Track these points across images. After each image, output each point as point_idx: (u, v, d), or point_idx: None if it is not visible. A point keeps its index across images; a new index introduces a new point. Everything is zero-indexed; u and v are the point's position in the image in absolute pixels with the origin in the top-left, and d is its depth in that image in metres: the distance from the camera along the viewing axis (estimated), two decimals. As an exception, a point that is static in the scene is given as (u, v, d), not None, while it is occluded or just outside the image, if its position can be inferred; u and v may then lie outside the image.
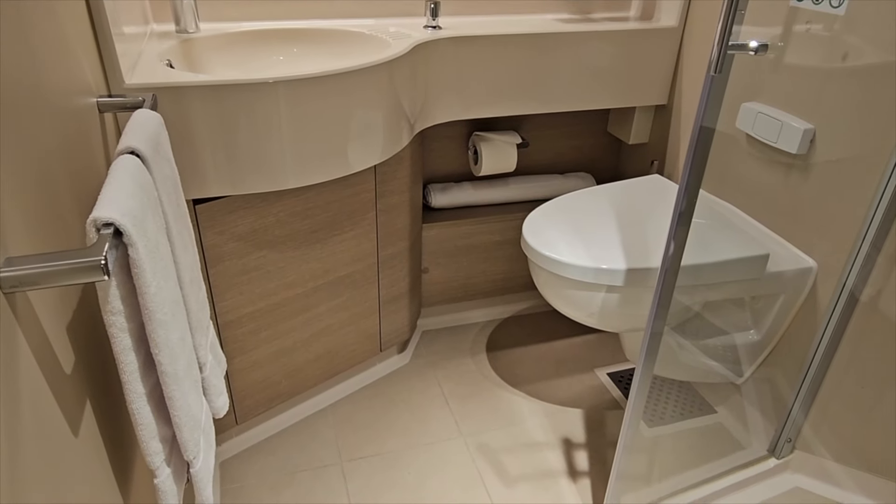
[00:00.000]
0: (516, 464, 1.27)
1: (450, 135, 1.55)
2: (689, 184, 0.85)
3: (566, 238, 1.14)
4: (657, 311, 0.94)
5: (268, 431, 1.33)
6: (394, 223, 1.33)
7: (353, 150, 1.07)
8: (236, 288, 1.12)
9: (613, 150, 1.72)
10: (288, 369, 1.28)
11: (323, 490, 1.20)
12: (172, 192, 0.71)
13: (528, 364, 1.55)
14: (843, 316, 1.10)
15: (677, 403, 1.41)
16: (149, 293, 0.53)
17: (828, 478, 1.22)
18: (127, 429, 0.71)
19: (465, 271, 1.63)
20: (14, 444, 0.41)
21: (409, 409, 1.40)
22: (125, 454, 0.68)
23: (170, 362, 0.58)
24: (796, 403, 1.19)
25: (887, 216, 1.01)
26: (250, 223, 1.09)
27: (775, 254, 1.14)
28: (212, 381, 0.80)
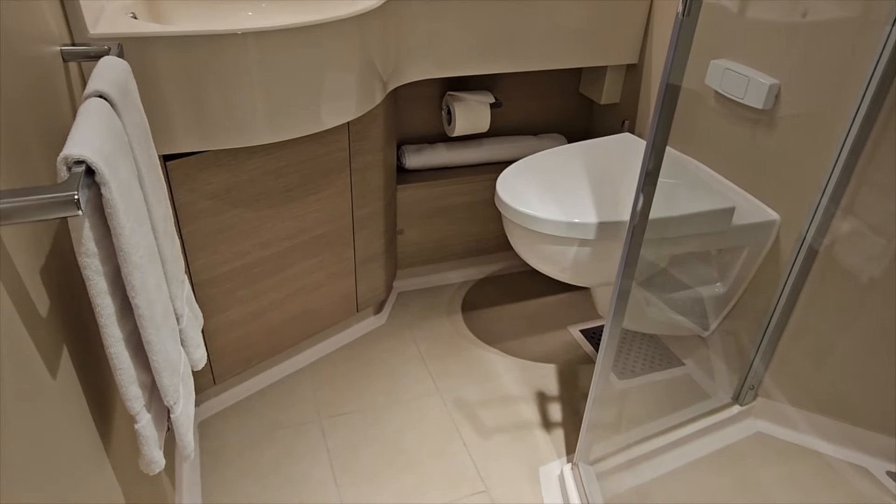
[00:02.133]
0: (492, 417, 1.31)
1: (423, 95, 1.55)
2: (656, 138, 0.87)
3: (539, 194, 1.16)
4: (625, 268, 0.96)
5: (246, 391, 1.34)
6: (368, 183, 1.33)
7: (326, 105, 1.06)
8: (211, 247, 1.12)
9: (585, 111, 1.73)
10: (265, 329, 1.29)
11: (303, 446, 1.22)
12: (143, 141, 0.70)
13: (503, 323, 1.58)
14: (804, 267, 1.15)
15: (646, 357, 1.46)
16: (123, 234, 0.53)
17: (787, 422, 1.28)
18: (105, 376, 0.71)
19: (439, 232, 1.64)
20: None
21: (387, 368, 1.42)
22: (104, 401, 0.69)
23: (147, 306, 0.58)
24: (759, 352, 1.24)
25: (846, 170, 1.04)
26: (223, 181, 1.08)
27: (741, 207, 1.17)
28: (189, 334, 0.80)
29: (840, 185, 1.06)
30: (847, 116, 1.01)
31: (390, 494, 1.13)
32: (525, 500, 1.13)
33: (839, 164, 1.04)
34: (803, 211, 1.12)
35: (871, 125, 0.99)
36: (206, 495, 1.12)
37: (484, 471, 1.19)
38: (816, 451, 1.24)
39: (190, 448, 0.71)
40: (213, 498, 1.11)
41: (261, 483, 1.14)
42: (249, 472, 1.17)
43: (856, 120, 0.99)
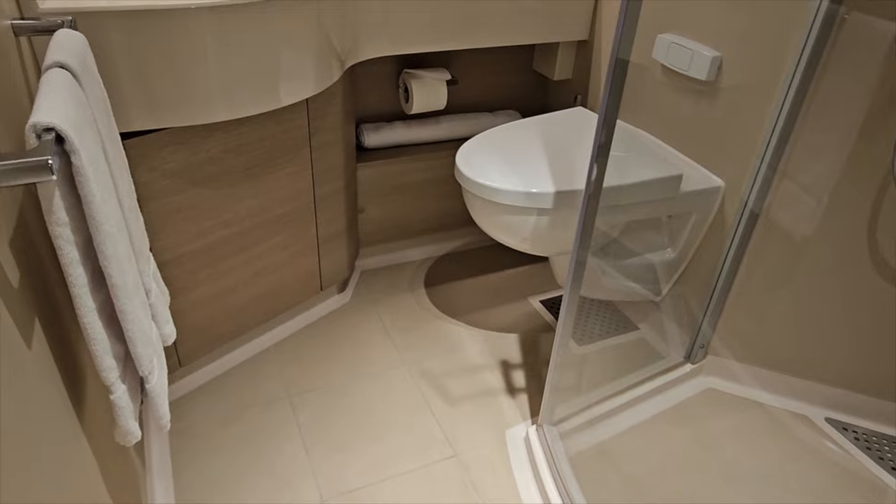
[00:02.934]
0: (458, 386, 1.35)
1: (380, 73, 1.56)
2: (607, 111, 0.91)
3: (498, 166, 1.19)
4: (581, 237, 1.01)
5: (213, 372, 1.34)
6: (328, 161, 1.34)
7: (283, 82, 1.06)
8: (172, 226, 1.11)
9: (539, 87, 1.77)
10: (229, 309, 1.29)
11: (273, 422, 1.24)
12: (105, 115, 0.70)
13: (466, 296, 1.61)
14: (746, 231, 1.22)
15: (604, 323, 1.52)
16: (94, 203, 0.54)
17: (735, 377, 1.37)
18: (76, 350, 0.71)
19: (400, 210, 1.66)
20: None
21: (353, 344, 1.44)
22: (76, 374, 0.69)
23: (119, 275, 0.59)
24: (707, 313, 1.32)
25: (783, 136, 1.11)
26: (182, 159, 1.07)
27: (688, 175, 1.24)
28: (158, 309, 0.80)
29: (777, 151, 1.13)
30: (783, 85, 1.07)
31: (362, 463, 1.16)
32: (493, 461, 1.18)
33: (776, 130, 1.10)
34: (745, 177, 1.19)
35: (805, 93, 1.06)
36: (178, 474, 1.12)
37: (452, 436, 1.23)
38: (761, 403, 1.33)
39: (166, 418, 0.72)
40: (184, 476, 1.12)
41: (232, 459, 1.15)
42: (220, 449, 1.17)
43: (790, 88, 1.06)
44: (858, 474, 1.18)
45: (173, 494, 1.08)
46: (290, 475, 1.13)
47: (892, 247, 1.11)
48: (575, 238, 1.00)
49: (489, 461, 1.18)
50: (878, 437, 1.26)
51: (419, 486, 1.13)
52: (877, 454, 1.22)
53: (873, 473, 1.19)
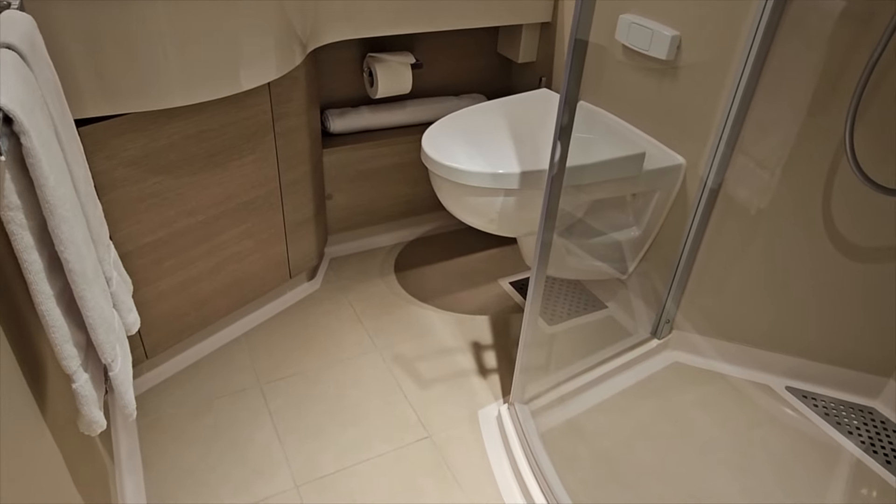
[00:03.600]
0: (430, 369, 1.35)
1: (344, 57, 1.54)
2: (568, 91, 0.92)
3: (464, 148, 1.20)
4: (546, 217, 1.02)
5: (181, 364, 1.32)
6: (293, 147, 1.32)
7: (243, 66, 1.05)
8: (133, 216, 1.09)
9: (504, 70, 1.78)
10: (196, 300, 1.27)
11: (245, 412, 1.23)
12: (56, 98, 0.68)
13: (436, 280, 1.62)
14: (707, 207, 1.25)
15: (572, 303, 1.54)
16: (48, 185, 0.53)
17: (699, 351, 1.40)
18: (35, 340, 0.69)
19: (368, 196, 1.66)
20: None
21: (324, 331, 1.44)
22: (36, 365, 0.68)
23: (77, 260, 0.58)
24: (671, 289, 1.35)
25: (739, 113, 1.14)
26: (141, 147, 1.05)
27: (650, 153, 1.26)
28: (120, 297, 0.79)
29: (735, 128, 1.16)
30: (739, 63, 1.10)
31: (336, 449, 1.16)
32: (466, 441, 1.19)
33: (733, 107, 1.13)
34: (704, 154, 1.21)
35: (760, 70, 1.09)
36: (148, 468, 1.11)
37: (425, 418, 1.24)
38: (725, 375, 1.37)
39: (132, 406, 0.71)
40: (154, 470, 1.10)
41: (204, 450, 1.14)
42: (191, 440, 1.16)
43: (746, 66, 1.08)
44: (817, 439, 1.23)
45: (144, 489, 1.07)
46: (263, 463, 1.13)
47: (846, 218, 1.15)
48: (540, 218, 1.01)
49: (462, 441, 1.19)
50: (835, 403, 1.31)
51: (394, 468, 1.13)
52: (834, 419, 1.27)
53: (830, 437, 1.23)
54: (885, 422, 1.28)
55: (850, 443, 1.22)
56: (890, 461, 1.19)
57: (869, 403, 1.32)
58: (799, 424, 1.26)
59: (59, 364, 0.76)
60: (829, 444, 1.22)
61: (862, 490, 1.14)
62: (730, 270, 1.28)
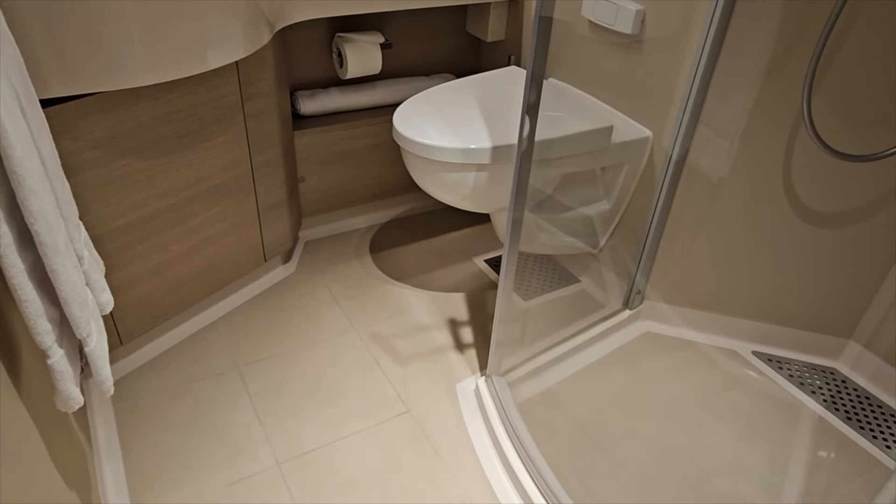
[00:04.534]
0: (408, 346, 1.37)
1: (312, 38, 1.53)
2: (535, 67, 0.93)
3: (435, 125, 1.21)
4: (517, 193, 1.04)
5: (157, 349, 1.32)
6: (264, 128, 1.32)
7: (210, 44, 1.04)
8: (102, 199, 1.07)
9: (473, 49, 1.78)
10: (170, 284, 1.26)
11: (223, 394, 1.23)
12: (19, 74, 0.67)
13: (411, 260, 1.63)
14: (673, 178, 1.28)
15: (546, 278, 1.57)
16: (15, 156, 0.52)
17: (669, 320, 1.44)
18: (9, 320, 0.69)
19: (341, 178, 1.66)
20: None
21: (301, 313, 1.44)
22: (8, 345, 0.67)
23: (48, 233, 0.58)
24: (641, 260, 1.38)
25: (702, 85, 1.16)
26: (108, 128, 1.03)
27: (618, 127, 1.28)
28: (92, 276, 0.78)
29: (698, 99, 1.18)
30: (701, 35, 1.12)
31: (316, 427, 1.17)
32: (445, 413, 1.21)
33: (696, 80, 1.15)
34: (669, 126, 1.24)
35: (721, 41, 1.11)
36: (127, 453, 1.11)
37: (404, 394, 1.25)
38: (694, 342, 1.41)
39: (109, 382, 0.71)
40: (134, 454, 1.10)
41: (184, 433, 1.14)
42: (170, 424, 1.16)
43: (708, 38, 1.11)
44: (781, 398, 1.28)
45: (124, 474, 1.07)
46: (243, 444, 1.13)
47: (805, 184, 1.19)
48: (511, 193, 1.03)
49: (441, 414, 1.21)
50: (798, 364, 1.36)
51: (374, 442, 1.15)
52: (798, 380, 1.32)
53: (794, 397, 1.28)
54: (845, 381, 1.33)
55: (813, 401, 1.28)
56: (850, 417, 1.25)
57: (830, 364, 1.37)
58: (764, 386, 1.31)
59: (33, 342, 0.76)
60: (792, 403, 1.27)
61: (823, 443, 1.19)
62: (696, 240, 1.32)
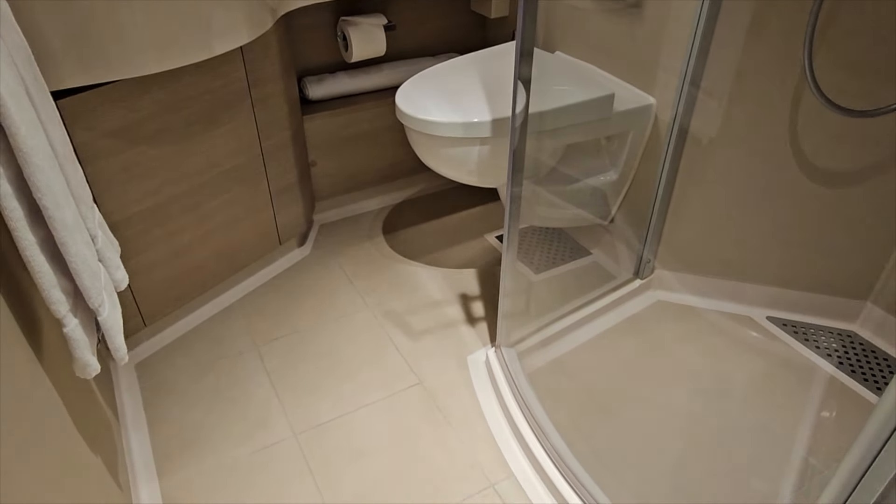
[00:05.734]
0: (420, 321, 1.40)
1: (317, 23, 1.56)
2: (523, 40, 0.94)
3: (436, 102, 1.22)
4: (513, 175, 1.05)
5: (179, 331, 1.37)
6: (272, 113, 1.35)
7: (214, 30, 1.07)
8: (118, 186, 1.12)
9: (478, 27, 1.79)
10: (188, 268, 1.31)
11: (243, 372, 1.28)
12: (27, 63, 0.71)
13: (423, 239, 1.65)
14: (678, 144, 1.27)
15: (558, 252, 1.58)
16: (19, 135, 0.56)
17: (681, 288, 1.44)
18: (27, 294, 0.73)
19: (352, 161, 1.68)
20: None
21: (316, 293, 1.48)
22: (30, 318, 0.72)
23: (55, 208, 0.61)
24: (650, 227, 1.38)
25: (702, 49, 1.15)
26: (120, 118, 1.08)
27: (621, 95, 1.28)
28: (106, 255, 0.83)
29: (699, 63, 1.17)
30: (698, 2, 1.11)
31: (331, 400, 1.21)
32: (456, 384, 1.24)
33: (696, 43, 1.15)
34: (672, 92, 1.23)
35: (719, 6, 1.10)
36: (153, 427, 1.16)
37: (416, 367, 1.28)
38: (707, 309, 1.41)
39: (122, 351, 0.76)
40: (159, 428, 1.16)
41: (205, 408, 1.19)
42: (193, 401, 1.21)
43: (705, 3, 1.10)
44: (796, 362, 1.27)
45: (150, 445, 1.12)
46: (262, 417, 1.18)
47: (813, 144, 1.17)
48: (507, 167, 1.04)
49: (452, 384, 1.24)
50: (815, 329, 1.35)
51: (387, 412, 1.18)
52: (813, 343, 1.31)
53: (809, 360, 1.27)
54: (863, 343, 1.31)
55: (829, 364, 1.26)
56: (867, 379, 1.23)
57: (848, 327, 1.35)
58: (778, 349, 1.30)
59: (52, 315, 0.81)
60: (807, 365, 1.26)
61: (837, 404, 1.18)
62: (705, 206, 1.31)
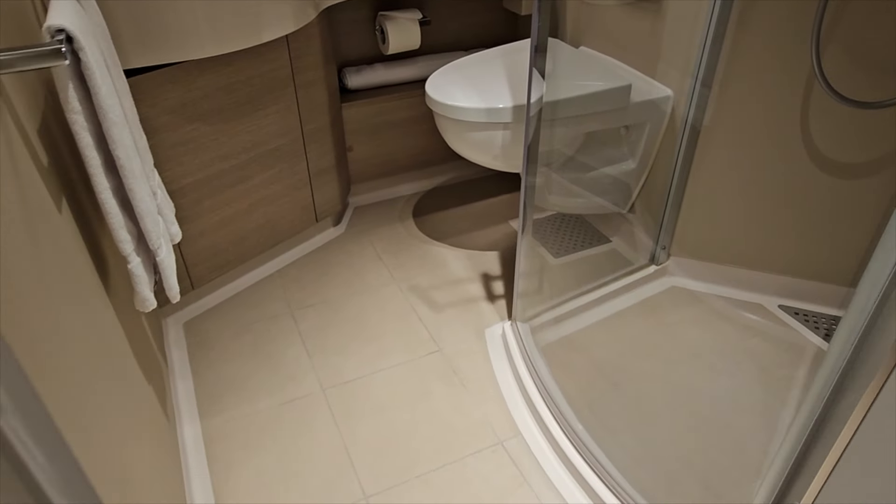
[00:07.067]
0: (443, 296, 1.49)
1: (357, 17, 1.67)
2: (539, 31, 1.02)
3: (462, 89, 1.31)
4: (527, 166, 1.14)
5: (222, 296, 1.50)
6: (313, 99, 1.47)
7: (263, 19, 1.19)
8: (175, 159, 1.25)
9: (510, 24, 1.87)
10: (233, 237, 1.44)
11: (277, 333, 1.39)
12: (105, 39, 0.83)
13: (451, 223, 1.75)
14: (692, 134, 1.33)
15: (577, 237, 1.65)
16: (101, 93, 0.68)
17: (695, 275, 1.49)
18: (96, 236, 0.86)
19: (386, 147, 1.79)
20: (23, 209, 0.56)
21: (348, 267, 1.59)
22: (98, 256, 0.84)
23: (127, 158, 0.73)
24: (666, 214, 1.44)
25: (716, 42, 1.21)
26: (179, 97, 1.21)
27: (639, 87, 1.35)
28: (164, 210, 0.95)
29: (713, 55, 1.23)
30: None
31: (357, 359, 1.31)
32: (473, 353, 1.33)
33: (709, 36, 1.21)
34: (687, 83, 1.29)
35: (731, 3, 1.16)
36: (196, 376, 1.28)
37: (437, 336, 1.37)
38: (720, 296, 1.46)
39: (175, 290, 0.87)
40: (201, 378, 1.28)
41: (243, 363, 1.31)
42: (232, 355, 1.33)
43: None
44: (803, 347, 1.31)
45: (193, 390, 1.25)
46: (293, 372, 1.29)
47: (823, 135, 1.22)
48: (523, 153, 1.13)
49: (470, 353, 1.33)
50: (827, 318, 1.38)
51: (408, 374, 1.28)
52: (824, 332, 1.35)
53: (817, 346, 1.31)
54: (873, 333, 1.34)
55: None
56: (873, 366, 1.26)
57: (860, 318, 1.38)
58: (787, 335, 1.34)
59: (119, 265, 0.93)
60: (815, 352, 1.30)
61: (841, 389, 1.22)
62: (719, 195, 1.36)
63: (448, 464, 1.10)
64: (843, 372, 0.59)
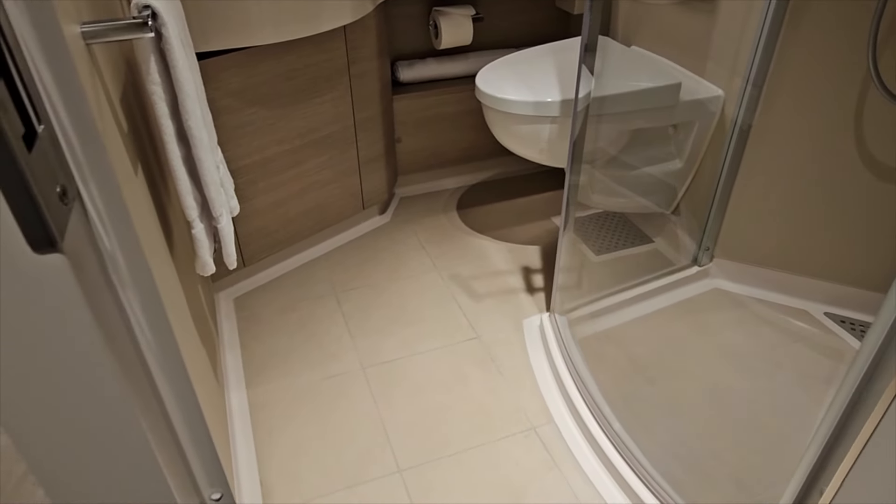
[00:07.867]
0: (483, 286, 1.52)
1: (412, 13, 1.72)
2: (590, 27, 1.04)
3: (512, 83, 1.34)
4: (572, 161, 1.16)
5: (271, 275, 1.56)
6: (366, 88, 1.52)
7: (323, 9, 1.24)
8: (234, 140, 1.32)
9: (562, 23, 1.89)
10: (284, 219, 1.50)
11: (322, 312, 1.45)
12: (181, 22, 0.89)
13: (494, 217, 1.77)
14: (741, 136, 1.32)
15: (619, 236, 1.65)
16: (178, 67, 0.73)
17: (739, 278, 1.48)
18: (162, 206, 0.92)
19: (434, 140, 1.83)
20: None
21: (392, 254, 1.64)
22: (164, 222, 0.90)
23: (197, 129, 0.79)
24: (711, 215, 1.43)
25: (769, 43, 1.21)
26: (241, 81, 1.27)
27: (689, 86, 1.35)
28: (225, 184, 1.01)
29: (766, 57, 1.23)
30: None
31: (396, 341, 1.35)
32: (511, 342, 1.35)
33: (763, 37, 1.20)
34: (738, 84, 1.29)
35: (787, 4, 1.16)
36: (245, 348, 1.35)
37: (476, 324, 1.40)
38: (764, 300, 1.44)
39: (233, 257, 0.93)
40: (249, 349, 1.34)
41: (288, 338, 1.37)
42: (278, 331, 1.39)
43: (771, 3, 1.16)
44: (848, 354, 1.29)
45: (241, 361, 1.31)
46: (335, 350, 1.34)
47: (877, 140, 1.20)
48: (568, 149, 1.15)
49: (507, 342, 1.35)
50: (874, 328, 1.35)
51: (445, 358, 1.31)
52: (870, 341, 1.32)
53: (862, 354, 1.28)
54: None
55: (882, 360, 1.27)
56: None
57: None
58: (832, 342, 1.32)
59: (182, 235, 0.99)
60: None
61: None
62: (766, 198, 1.35)
63: (481, 445, 1.13)
64: (868, 372, 0.60)
